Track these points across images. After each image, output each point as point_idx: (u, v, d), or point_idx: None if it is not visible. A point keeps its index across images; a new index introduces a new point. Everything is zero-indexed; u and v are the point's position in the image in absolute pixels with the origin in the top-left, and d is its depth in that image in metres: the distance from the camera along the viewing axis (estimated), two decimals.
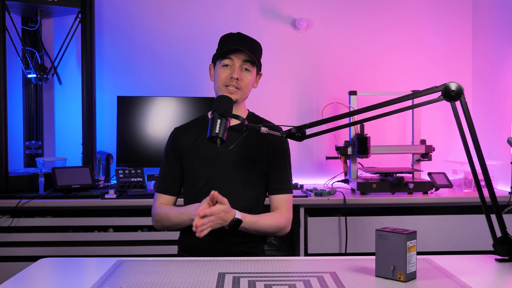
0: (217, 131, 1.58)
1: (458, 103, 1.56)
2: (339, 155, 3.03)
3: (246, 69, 1.83)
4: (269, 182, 1.89)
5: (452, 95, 1.55)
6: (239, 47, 1.80)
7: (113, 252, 2.60)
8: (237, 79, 1.80)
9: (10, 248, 2.62)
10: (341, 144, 3.02)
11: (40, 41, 3.09)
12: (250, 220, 1.74)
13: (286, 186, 1.89)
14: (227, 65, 1.82)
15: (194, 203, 1.78)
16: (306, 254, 2.68)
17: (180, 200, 1.94)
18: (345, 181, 3.07)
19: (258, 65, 1.87)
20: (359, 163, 3.06)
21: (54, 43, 3.27)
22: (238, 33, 1.88)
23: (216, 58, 1.86)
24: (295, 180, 2.99)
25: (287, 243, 2.91)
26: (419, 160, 3.06)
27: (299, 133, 1.65)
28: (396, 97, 1.62)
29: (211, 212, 1.62)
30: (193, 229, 1.61)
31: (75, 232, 2.68)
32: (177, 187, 1.92)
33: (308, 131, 1.66)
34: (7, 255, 2.62)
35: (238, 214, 1.69)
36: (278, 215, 1.84)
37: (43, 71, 2.97)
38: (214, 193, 1.63)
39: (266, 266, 1.57)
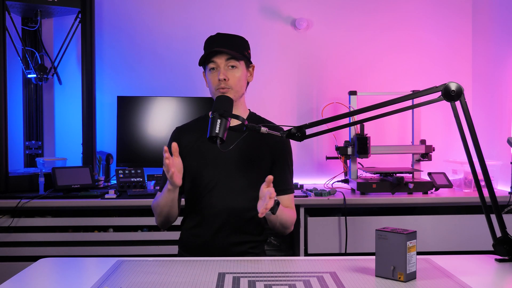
0: (217, 131, 1.58)
1: (458, 103, 1.56)
2: (339, 155, 3.03)
3: (232, 67, 1.83)
4: (274, 183, 1.89)
5: (452, 95, 1.55)
6: (219, 48, 1.80)
7: (113, 252, 2.60)
8: (225, 79, 1.80)
9: (10, 248, 2.62)
10: (341, 144, 3.02)
11: (40, 41, 3.09)
12: (280, 208, 1.74)
13: (290, 186, 1.91)
14: (213, 68, 1.83)
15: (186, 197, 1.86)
16: (306, 254, 2.68)
17: (182, 201, 1.94)
18: (345, 181, 3.07)
19: (245, 59, 1.87)
20: (359, 163, 3.06)
21: (54, 43, 3.27)
22: (217, 33, 1.88)
23: (202, 64, 1.87)
24: (295, 180, 2.98)
25: (287, 243, 2.91)
26: (419, 160, 3.06)
27: (299, 133, 1.65)
28: (396, 97, 1.62)
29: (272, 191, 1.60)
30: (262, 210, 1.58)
31: (75, 232, 2.68)
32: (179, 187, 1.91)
33: (308, 131, 1.66)
34: (7, 255, 2.62)
35: None
36: (292, 211, 1.88)
37: (43, 71, 2.97)
38: (269, 177, 1.61)
39: (266, 266, 1.57)
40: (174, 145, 1.71)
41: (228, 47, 1.81)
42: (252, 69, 1.92)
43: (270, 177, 1.61)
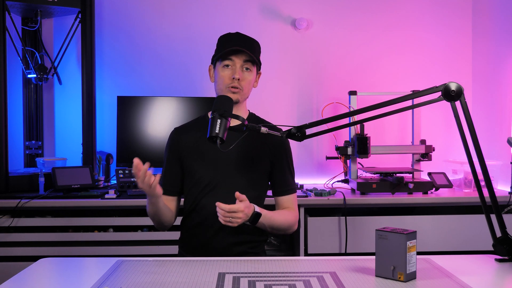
0: (217, 131, 1.59)
1: (458, 103, 1.57)
2: (339, 155, 3.03)
3: (247, 69, 1.83)
4: (275, 184, 1.91)
5: (452, 95, 1.55)
6: (241, 48, 1.80)
7: (113, 252, 2.60)
8: (239, 79, 1.80)
9: (10, 248, 2.61)
10: (341, 144, 3.02)
11: (40, 41, 3.09)
12: (267, 215, 1.77)
13: (292, 187, 1.93)
14: (228, 66, 1.82)
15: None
16: (306, 254, 2.68)
17: (182, 201, 1.94)
18: (345, 181, 3.07)
19: (258, 64, 1.88)
20: (359, 163, 3.06)
21: (54, 43, 3.27)
22: (237, 33, 1.88)
23: (216, 59, 1.86)
24: (295, 180, 2.99)
25: (287, 243, 2.91)
26: (419, 160, 3.06)
27: (299, 133, 1.65)
28: (396, 97, 1.63)
29: (237, 208, 1.65)
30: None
31: (75, 232, 2.68)
32: (178, 187, 1.92)
33: (308, 131, 1.66)
34: (7, 255, 2.61)
35: (257, 208, 1.73)
36: (289, 212, 1.89)
37: (43, 71, 2.97)
38: (236, 194, 1.67)
39: (266, 266, 1.57)
40: (137, 161, 1.68)
41: (248, 49, 1.82)
42: (258, 76, 1.93)
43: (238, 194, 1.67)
